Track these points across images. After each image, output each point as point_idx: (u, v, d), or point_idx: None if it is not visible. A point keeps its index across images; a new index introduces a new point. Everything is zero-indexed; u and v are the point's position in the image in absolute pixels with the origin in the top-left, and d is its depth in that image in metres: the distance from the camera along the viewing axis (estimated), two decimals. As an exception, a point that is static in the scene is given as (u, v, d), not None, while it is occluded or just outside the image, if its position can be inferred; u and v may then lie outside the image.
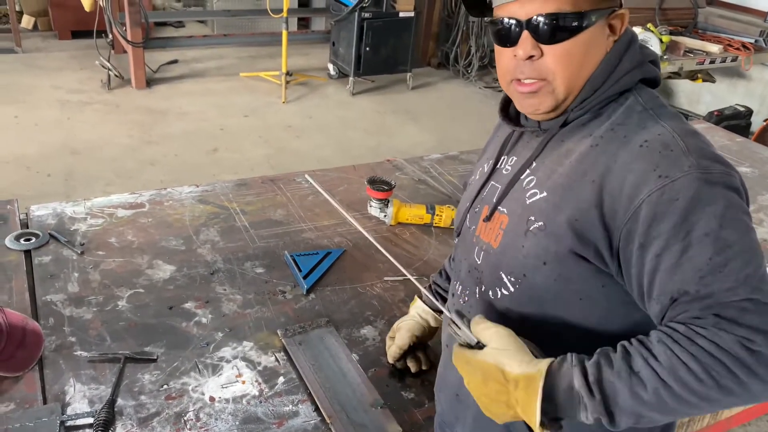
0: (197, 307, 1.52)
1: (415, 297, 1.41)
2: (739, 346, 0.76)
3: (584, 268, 0.93)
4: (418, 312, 1.37)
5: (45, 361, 1.32)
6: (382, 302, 1.60)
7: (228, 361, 1.36)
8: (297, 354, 1.38)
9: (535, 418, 0.83)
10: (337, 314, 1.54)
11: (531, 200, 0.98)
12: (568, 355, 0.85)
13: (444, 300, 1.34)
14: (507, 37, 0.95)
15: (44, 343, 1.35)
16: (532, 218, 0.96)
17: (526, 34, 0.93)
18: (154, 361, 1.34)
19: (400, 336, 1.35)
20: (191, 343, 1.40)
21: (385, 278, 1.70)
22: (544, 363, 0.85)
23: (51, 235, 1.72)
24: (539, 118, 1.01)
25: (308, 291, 1.61)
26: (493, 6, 0.98)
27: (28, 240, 1.69)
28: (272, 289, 1.61)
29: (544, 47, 0.93)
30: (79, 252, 1.67)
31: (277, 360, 1.38)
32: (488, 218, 1.04)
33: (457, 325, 0.95)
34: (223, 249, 1.75)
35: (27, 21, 6.63)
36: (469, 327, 0.94)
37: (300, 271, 1.66)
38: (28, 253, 1.66)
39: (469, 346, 0.93)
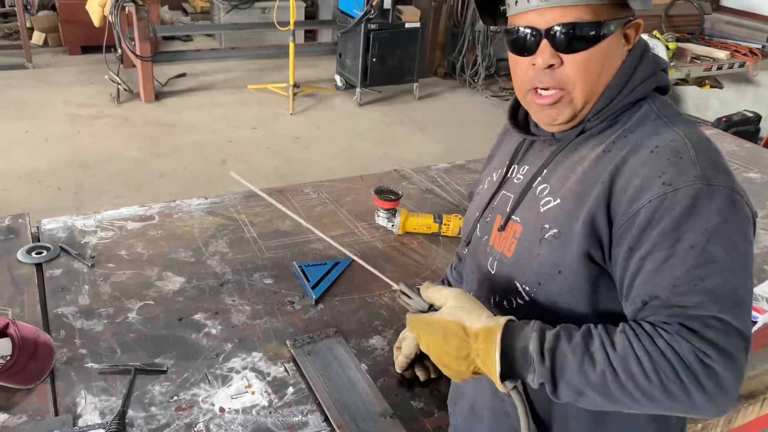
0: (207, 318, 1.53)
1: None
2: (694, 356, 0.78)
3: (594, 273, 0.94)
4: None
5: (56, 373, 1.33)
6: (390, 312, 1.61)
7: (237, 372, 1.36)
8: (306, 364, 1.38)
9: (494, 369, 0.85)
10: (345, 324, 1.54)
11: (545, 208, 0.98)
12: (532, 321, 0.88)
13: None
14: (524, 47, 0.95)
15: (56, 356, 1.36)
16: (547, 226, 0.96)
17: (545, 43, 0.93)
18: (164, 372, 1.35)
19: (406, 345, 1.35)
20: (201, 355, 1.41)
21: (394, 287, 1.69)
22: (503, 318, 0.88)
23: (62, 248, 1.74)
24: (555, 129, 1.01)
25: (317, 301, 1.61)
26: (508, 15, 0.98)
27: (40, 253, 1.71)
28: (281, 299, 1.62)
29: (563, 56, 0.93)
30: (89, 264, 1.68)
31: (286, 370, 1.38)
32: (503, 227, 1.04)
33: (407, 294, 0.98)
34: (232, 260, 1.76)
35: (38, 37, 6.72)
36: (419, 294, 0.97)
37: (308, 281, 1.67)
38: (39, 266, 1.67)
39: (422, 313, 0.96)
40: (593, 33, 0.91)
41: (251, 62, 6.66)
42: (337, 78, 6.20)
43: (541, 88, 0.96)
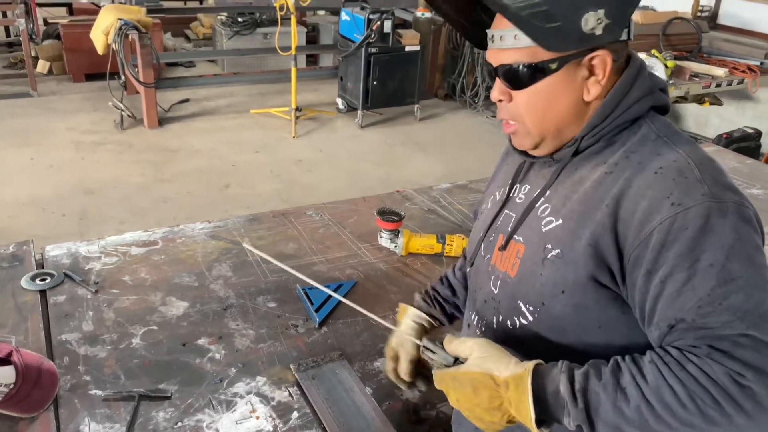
0: (210, 342, 1.52)
1: (401, 306, 1.33)
2: (729, 378, 0.77)
3: (602, 295, 0.93)
4: (413, 320, 1.29)
5: (60, 401, 1.32)
6: (394, 334, 1.60)
7: (242, 397, 1.36)
8: (310, 388, 1.37)
9: (529, 415, 0.84)
10: (349, 347, 1.54)
11: (547, 228, 0.98)
12: (560, 362, 0.87)
13: (441, 306, 1.32)
14: (492, 79, 1.04)
15: (59, 383, 1.35)
16: (549, 246, 0.97)
17: (498, 79, 1.00)
18: (168, 398, 1.34)
19: (405, 351, 1.26)
20: (205, 380, 1.40)
21: (398, 310, 1.69)
22: (530, 363, 0.87)
23: (66, 275, 1.74)
24: (534, 153, 1.04)
25: (320, 324, 1.61)
26: None
27: (44, 280, 1.71)
28: (285, 323, 1.61)
29: (511, 92, 0.99)
30: (93, 291, 1.69)
31: (290, 395, 1.37)
32: (504, 247, 1.05)
33: (431, 350, 0.97)
34: (236, 284, 1.76)
35: (42, 66, 6.81)
36: (442, 348, 0.96)
37: (312, 304, 1.66)
38: (43, 293, 1.67)
39: (448, 367, 0.95)
40: (530, 74, 0.95)
41: (253, 87, 6.72)
42: (339, 101, 6.24)
43: (500, 118, 1.03)
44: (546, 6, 0.89)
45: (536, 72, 0.94)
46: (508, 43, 0.95)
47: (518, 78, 0.96)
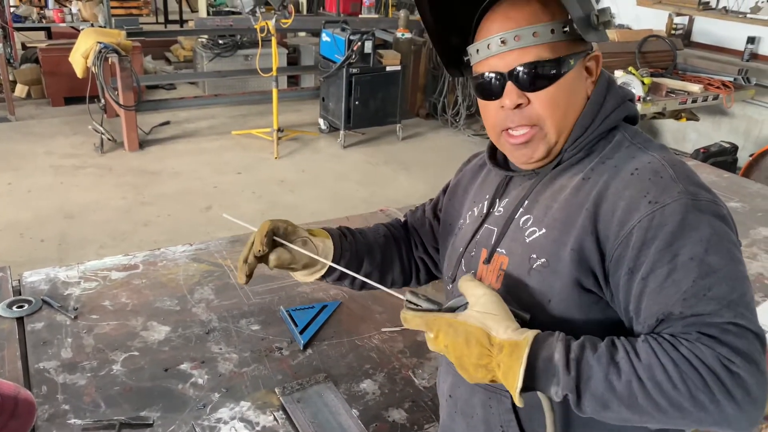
0: (193, 367, 1.50)
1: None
2: (719, 363, 0.77)
3: (587, 301, 0.94)
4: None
5: (38, 431, 1.28)
6: (380, 354, 1.58)
7: (226, 423, 1.33)
8: (296, 412, 1.35)
9: (515, 384, 0.83)
10: (335, 369, 1.52)
11: (530, 239, 0.99)
12: (557, 332, 0.86)
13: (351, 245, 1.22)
14: (491, 91, 0.99)
15: (37, 413, 1.31)
16: (534, 256, 0.97)
17: (510, 84, 0.97)
18: (150, 425, 1.31)
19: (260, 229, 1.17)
20: (188, 406, 1.37)
21: (383, 329, 1.68)
22: (531, 333, 0.86)
23: (44, 301, 1.70)
24: (532, 167, 1.04)
25: (305, 346, 1.59)
26: (472, 64, 1.03)
27: (21, 307, 1.67)
28: (269, 346, 1.59)
29: (529, 95, 0.96)
30: (72, 317, 1.65)
31: (275, 419, 1.35)
32: (488, 260, 1.05)
33: (414, 303, 0.96)
34: (218, 307, 1.74)
35: (20, 90, 6.75)
36: (427, 301, 0.95)
37: (296, 326, 1.64)
38: (20, 320, 1.64)
39: (442, 312, 0.93)
40: (554, 70, 0.95)
41: (235, 108, 6.72)
42: (321, 121, 6.26)
43: (514, 128, 0.99)
44: None
45: (561, 66, 0.95)
46: (527, 41, 0.94)
47: (541, 75, 0.95)
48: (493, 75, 0.98)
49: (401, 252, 1.30)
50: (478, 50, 0.99)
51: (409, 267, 1.31)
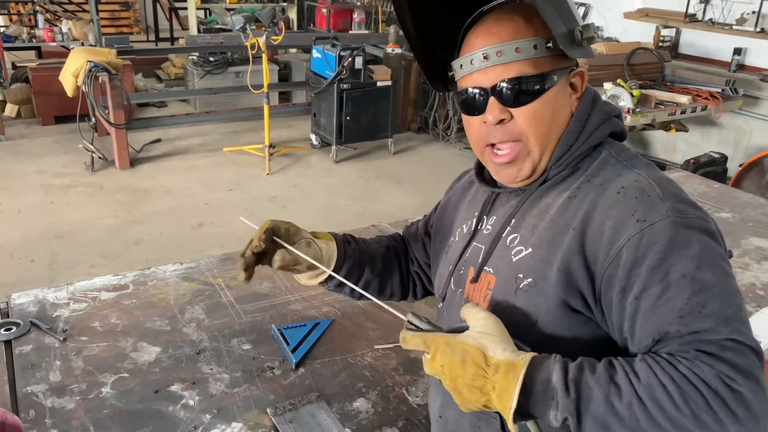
0: (184, 389, 1.48)
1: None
2: (720, 381, 0.76)
3: (575, 321, 0.93)
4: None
5: (25, 457, 1.26)
6: (374, 372, 1.57)
7: (217, 445, 1.31)
8: (288, 432, 1.33)
9: (510, 405, 0.81)
10: (328, 388, 1.50)
11: (517, 258, 0.98)
12: (553, 354, 0.85)
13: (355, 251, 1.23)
14: (474, 106, 0.99)
15: (24, 438, 1.29)
16: (521, 275, 0.96)
17: (492, 100, 0.97)
18: (140, 449, 1.29)
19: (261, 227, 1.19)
20: (178, 428, 1.35)
21: (376, 346, 1.67)
22: (528, 354, 0.84)
23: (32, 323, 1.68)
24: (517, 185, 1.03)
25: (297, 365, 1.57)
26: (456, 79, 1.03)
27: (9, 329, 1.65)
28: (260, 365, 1.57)
29: (512, 110, 0.96)
30: (61, 339, 1.63)
31: (267, 440, 1.33)
32: (475, 279, 1.04)
33: (415, 325, 0.95)
34: (209, 326, 1.72)
35: (10, 109, 6.73)
36: (428, 323, 0.94)
37: (288, 344, 1.63)
38: (8, 343, 1.61)
39: (442, 332, 0.92)
40: (537, 86, 0.95)
41: (226, 125, 6.72)
42: (313, 137, 6.27)
43: (498, 145, 0.99)
44: (561, 15, 0.93)
45: (544, 82, 0.95)
46: (509, 57, 0.94)
47: (524, 91, 0.95)
48: (476, 90, 0.98)
49: (401, 264, 1.32)
50: (461, 65, 1.00)
51: (408, 279, 1.32)
